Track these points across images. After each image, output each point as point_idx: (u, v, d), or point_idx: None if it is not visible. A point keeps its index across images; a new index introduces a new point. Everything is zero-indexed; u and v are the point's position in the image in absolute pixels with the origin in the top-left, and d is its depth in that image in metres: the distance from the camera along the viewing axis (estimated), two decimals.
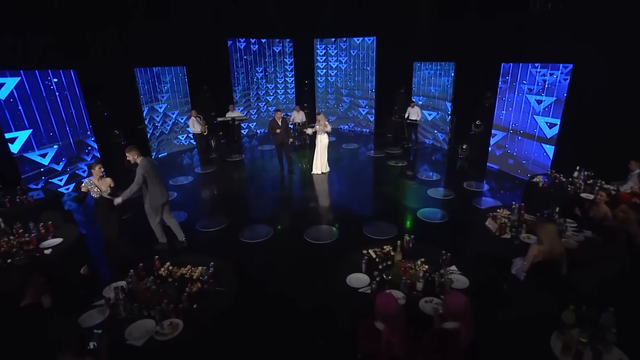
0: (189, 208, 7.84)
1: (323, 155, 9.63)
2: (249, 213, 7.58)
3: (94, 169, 5.15)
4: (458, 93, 11.23)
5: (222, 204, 8.09)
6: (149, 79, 11.10)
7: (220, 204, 8.16)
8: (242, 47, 13.46)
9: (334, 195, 8.57)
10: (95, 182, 5.12)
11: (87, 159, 9.17)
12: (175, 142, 12.34)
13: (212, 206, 8.07)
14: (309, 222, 7.03)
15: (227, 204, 8.09)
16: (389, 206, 7.84)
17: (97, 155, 9.43)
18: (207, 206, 8.08)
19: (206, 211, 7.70)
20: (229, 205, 7.97)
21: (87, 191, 5.11)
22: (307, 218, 7.24)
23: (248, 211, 7.69)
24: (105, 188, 5.17)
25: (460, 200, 8.12)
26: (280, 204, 8.14)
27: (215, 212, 7.63)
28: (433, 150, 12.17)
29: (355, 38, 13.87)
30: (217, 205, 8.12)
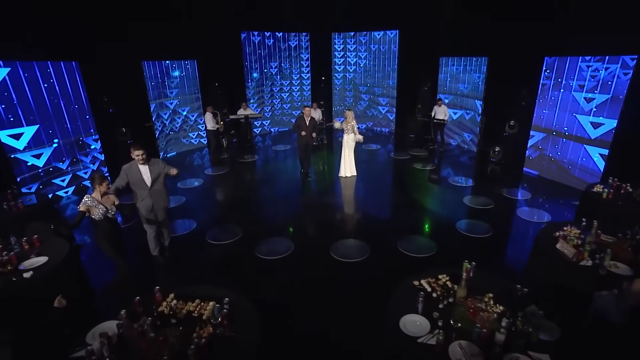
0: (199, 215, 7.00)
1: (351, 157, 8.73)
2: (265, 222, 6.71)
3: (100, 186, 4.14)
4: (490, 91, 10.22)
5: (236, 211, 7.23)
6: (157, 73, 10.30)
7: (233, 211, 7.30)
8: (257, 42, 12.60)
9: (360, 203, 7.66)
10: (97, 199, 4.13)
11: (86, 161, 8.36)
12: (184, 140, 11.54)
13: (224, 213, 7.21)
14: (335, 234, 6.14)
15: (240, 211, 7.24)
16: (422, 216, 6.90)
17: (97, 157, 8.61)
18: (219, 213, 7.23)
19: (217, 219, 6.85)
20: (242, 213, 7.12)
21: (86, 211, 4.02)
22: (331, 229, 6.35)
23: (264, 220, 6.82)
24: (109, 206, 4.21)
25: (502, 210, 7.15)
26: (301, 211, 7.25)
27: (228, 220, 6.78)
28: (460, 153, 11.18)
29: (376, 32, 12.91)
30: (230, 212, 7.26)
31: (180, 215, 7.01)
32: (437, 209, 7.22)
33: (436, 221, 6.70)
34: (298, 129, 8.34)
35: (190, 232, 6.33)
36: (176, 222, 6.67)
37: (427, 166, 9.75)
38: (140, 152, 4.68)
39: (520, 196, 7.72)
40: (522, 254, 5.50)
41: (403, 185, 8.53)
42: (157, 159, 4.98)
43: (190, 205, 7.49)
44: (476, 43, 10.25)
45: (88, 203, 4.05)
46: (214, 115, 9.91)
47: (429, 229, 6.37)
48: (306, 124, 8.33)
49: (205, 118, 9.91)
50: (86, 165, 8.37)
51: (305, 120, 8.32)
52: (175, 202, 7.54)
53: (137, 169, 4.77)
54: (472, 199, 7.55)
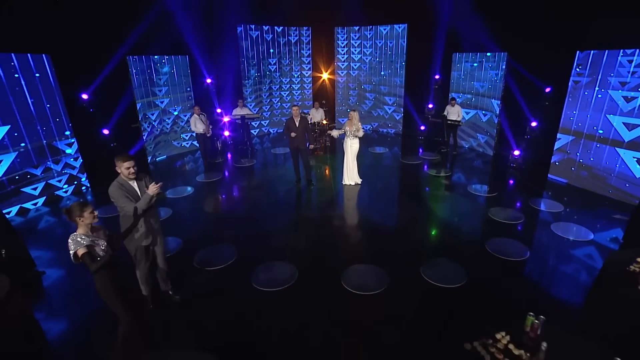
0: (187, 231, 6.03)
1: (354, 164, 7.78)
2: (263, 240, 5.74)
3: (82, 217, 2.95)
4: (510, 89, 9.28)
5: (229, 226, 6.26)
6: (144, 69, 9.30)
7: (227, 225, 6.32)
8: (254, 36, 11.61)
9: (369, 216, 6.70)
10: (88, 235, 2.98)
11: (57, 169, 7.33)
12: (175, 143, 10.54)
13: (216, 229, 6.23)
14: (345, 256, 5.18)
15: (234, 225, 6.27)
16: (444, 234, 5.95)
17: (70, 163, 7.59)
18: (210, 229, 6.25)
19: (208, 237, 5.88)
20: (237, 229, 6.15)
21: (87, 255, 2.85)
22: (341, 251, 5.39)
23: (262, 237, 5.85)
24: (102, 241, 3.08)
25: (534, 225, 6.23)
26: (303, 226, 6.28)
27: (220, 238, 5.81)
28: (475, 156, 10.23)
29: (382, 27, 11.94)
30: (223, 227, 6.28)
31: (165, 231, 6.01)
32: (459, 224, 6.27)
33: (461, 240, 5.75)
34: (287, 130, 7.44)
35: (175, 253, 5.35)
36: None
37: (442, 172, 8.80)
38: (130, 163, 3.60)
39: (550, 208, 6.78)
40: (572, 286, 4.57)
41: (417, 195, 7.58)
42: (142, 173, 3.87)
43: (177, 219, 6.51)
44: (494, 37, 9.30)
45: (84, 243, 2.88)
46: (200, 117, 8.92)
47: (455, 249, 5.42)
48: (295, 125, 7.39)
49: (191, 121, 8.91)
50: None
51: (294, 121, 7.38)
52: (161, 215, 6.57)
53: (132, 188, 3.66)
54: (497, 211, 6.61)
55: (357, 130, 7.43)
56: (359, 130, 7.44)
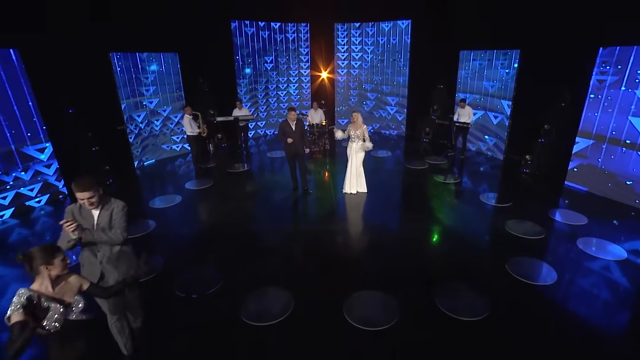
0: (169, 249, 5.35)
1: (360, 170, 7.10)
2: (255, 261, 5.05)
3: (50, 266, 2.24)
4: (523, 89, 8.62)
5: (217, 243, 5.57)
6: (130, 67, 8.60)
7: (214, 242, 5.62)
8: (250, 33, 10.91)
9: (374, 230, 6.02)
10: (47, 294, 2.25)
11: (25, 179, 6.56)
12: (165, 147, 9.84)
13: (203, 247, 5.53)
14: (347, 281, 4.51)
15: (223, 243, 5.58)
16: (458, 252, 5.27)
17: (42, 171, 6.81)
18: (195, 246, 5.54)
19: (193, 256, 5.19)
20: (226, 246, 5.46)
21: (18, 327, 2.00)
22: (342, 273, 4.71)
23: (254, 257, 5.16)
24: (73, 299, 2.38)
25: (558, 241, 5.56)
26: (300, 245, 5.59)
27: (206, 257, 5.13)
28: (484, 161, 9.57)
29: (384, 24, 11.25)
30: (210, 244, 5.59)
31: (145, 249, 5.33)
32: (475, 241, 5.59)
33: (478, 260, 5.07)
34: (283, 135, 6.77)
35: (154, 277, 4.66)
36: None
37: (450, 178, 8.13)
38: (84, 195, 2.73)
39: (573, 220, 6.11)
40: (612, 317, 3.91)
41: (424, 205, 6.89)
42: (115, 200, 3.04)
43: (159, 235, 5.82)
44: (506, 32, 8.64)
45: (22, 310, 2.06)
46: (194, 117, 8.25)
47: (472, 271, 4.75)
48: (292, 128, 6.72)
49: (184, 121, 8.24)
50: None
51: (290, 125, 6.71)
52: (142, 229, 5.88)
53: (89, 216, 2.90)
54: (515, 224, 5.94)
55: (363, 134, 6.77)
56: (365, 136, 6.79)
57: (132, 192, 7.60)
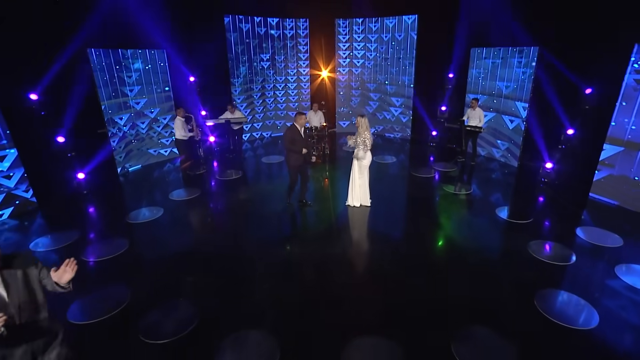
0: (139, 275, 4.60)
1: (363, 180, 6.30)
2: (237, 294, 4.27)
3: None
4: (541, 90, 7.78)
5: (195, 270, 4.80)
6: (111, 65, 7.83)
7: (192, 269, 4.83)
8: (245, 29, 10.12)
9: (377, 255, 5.22)
10: None
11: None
12: (151, 151, 9.07)
13: (178, 274, 4.72)
14: (345, 323, 3.72)
15: (203, 269, 4.80)
16: (476, 283, 4.47)
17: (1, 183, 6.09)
18: (170, 273, 4.73)
19: (165, 287, 4.42)
20: (205, 273, 4.69)
21: None
22: (339, 312, 3.92)
23: (236, 289, 4.39)
24: None
25: (593, 268, 4.75)
26: (291, 274, 4.79)
27: (181, 289, 4.37)
28: (496, 168, 8.74)
29: (388, 20, 10.42)
30: (187, 270, 4.79)
31: (113, 275, 4.59)
32: (494, 267, 4.78)
33: (501, 293, 4.27)
34: (292, 144, 5.87)
35: (116, 313, 3.89)
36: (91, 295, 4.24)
37: (462, 189, 7.31)
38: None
39: (606, 241, 5.29)
40: None
41: (434, 223, 6.09)
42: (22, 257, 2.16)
43: (131, 257, 5.04)
44: (523, 28, 7.79)
45: None
46: (187, 120, 7.52)
47: (493, 309, 3.96)
48: (302, 136, 5.93)
49: (175, 124, 7.48)
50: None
51: (299, 132, 5.90)
52: (112, 249, 5.12)
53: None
54: (539, 246, 5.13)
55: (364, 141, 5.94)
56: (366, 145, 5.95)
57: (111, 204, 6.83)
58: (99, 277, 4.58)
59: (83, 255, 4.98)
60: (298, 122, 5.86)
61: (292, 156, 5.94)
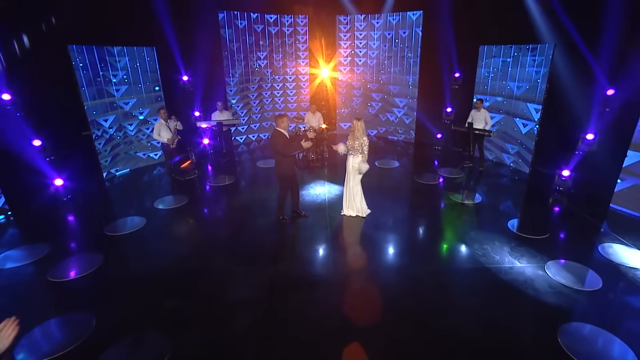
0: (108, 300, 4.06)
1: (357, 189, 5.73)
2: (214, 327, 3.73)
3: None
4: (556, 91, 7.14)
5: (171, 293, 4.25)
6: (95, 62, 7.30)
7: (167, 292, 4.26)
8: (241, 27, 9.56)
9: (376, 278, 4.64)
10: None
11: None
12: (140, 154, 8.54)
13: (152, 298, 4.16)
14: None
15: (179, 293, 4.26)
16: (489, 313, 3.88)
17: None
18: (142, 298, 4.19)
19: (135, 311, 3.89)
20: (181, 298, 4.15)
21: None
22: (331, 353, 3.37)
23: (213, 321, 3.84)
24: None
25: (624, 297, 4.14)
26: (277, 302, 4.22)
27: (151, 322, 3.83)
28: (506, 174, 8.12)
29: (391, 16, 9.81)
30: (161, 294, 4.24)
31: (76, 297, 4.05)
32: (508, 294, 4.17)
33: (518, 325, 3.67)
34: (284, 147, 5.21)
35: (77, 346, 3.36)
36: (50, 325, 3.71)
37: (469, 198, 6.70)
38: None
39: (635, 261, 4.68)
40: None
41: (439, 238, 5.50)
42: None
43: (102, 276, 4.50)
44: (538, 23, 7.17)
45: None
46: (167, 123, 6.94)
47: (513, 346, 3.37)
48: (287, 138, 5.35)
49: (155, 128, 6.91)
50: None
51: (285, 136, 5.28)
52: (84, 266, 4.59)
53: None
54: (558, 268, 4.53)
55: (362, 147, 5.39)
56: (364, 151, 5.40)
57: (91, 213, 6.30)
58: (62, 301, 4.05)
59: (49, 274, 4.45)
60: (281, 126, 5.21)
61: (283, 164, 5.35)
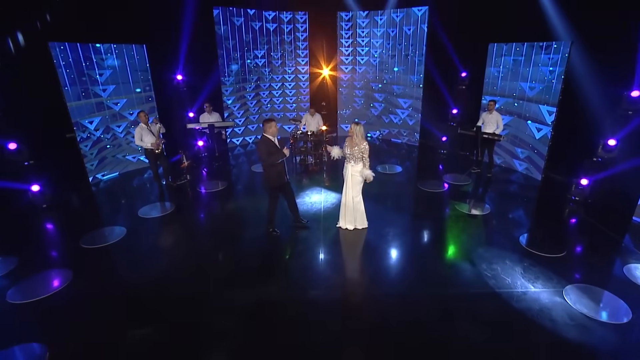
0: (67, 330, 3.58)
1: (357, 200, 5.18)
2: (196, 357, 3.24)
3: None
4: (572, 91, 6.51)
5: (141, 319, 3.78)
6: (79, 60, 6.84)
7: (136, 320, 3.81)
8: (238, 24, 9.06)
9: (376, 301, 4.12)
10: None
11: None
12: (130, 158, 8.09)
13: (117, 327, 3.72)
14: None
15: (151, 320, 3.78)
16: (503, 347, 3.33)
17: None
18: (108, 326, 3.75)
19: (96, 344, 3.41)
20: (154, 327, 3.66)
21: None
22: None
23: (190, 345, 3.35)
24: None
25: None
26: (260, 333, 3.74)
27: (117, 348, 3.34)
28: (515, 180, 7.51)
29: (395, 14, 9.22)
30: (130, 321, 3.79)
31: (34, 323, 3.58)
32: (525, 329, 3.59)
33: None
34: (270, 156, 4.71)
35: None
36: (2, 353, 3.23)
37: (476, 208, 6.11)
38: None
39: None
40: None
41: (444, 255, 4.94)
42: None
43: (65, 297, 4.02)
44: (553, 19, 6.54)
45: None
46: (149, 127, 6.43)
47: None
48: (277, 147, 4.83)
49: (136, 132, 6.40)
50: None
51: (274, 143, 4.79)
52: (48, 286, 4.11)
53: None
54: (579, 293, 3.95)
55: (362, 154, 4.86)
56: (364, 158, 4.87)
57: (70, 221, 5.85)
58: (18, 327, 3.57)
59: (9, 295, 3.99)
60: (269, 132, 4.71)
61: (271, 173, 4.83)
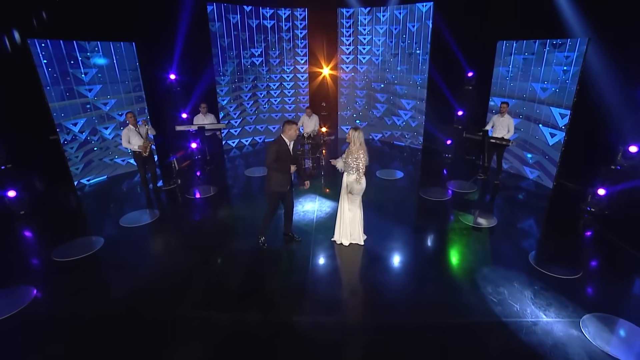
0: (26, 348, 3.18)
1: (355, 212, 4.71)
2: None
3: None
4: (589, 93, 5.95)
5: (109, 345, 3.37)
6: (63, 59, 6.45)
7: (105, 345, 3.41)
8: (234, 21, 8.62)
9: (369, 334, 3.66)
10: None
11: None
12: (119, 161, 7.71)
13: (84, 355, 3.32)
14: None
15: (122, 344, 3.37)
16: None
17: None
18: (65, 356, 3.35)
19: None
20: (123, 352, 3.25)
21: None
22: None
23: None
24: None
25: None
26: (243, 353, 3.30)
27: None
28: (524, 188, 6.97)
29: (398, 9, 8.69)
30: (97, 345, 3.38)
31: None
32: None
33: None
34: (277, 162, 4.28)
35: None
36: None
37: (482, 220, 5.59)
38: None
39: None
40: None
41: (445, 276, 4.45)
42: None
43: (25, 319, 3.63)
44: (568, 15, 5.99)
45: None
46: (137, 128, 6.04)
47: None
48: (290, 152, 4.38)
49: (123, 135, 6.02)
50: None
51: (288, 147, 4.34)
52: (7, 306, 3.72)
53: None
54: (598, 325, 3.44)
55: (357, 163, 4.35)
56: (359, 168, 4.36)
57: (44, 230, 5.47)
58: None
59: None
60: (287, 134, 4.27)
61: (274, 178, 4.37)
